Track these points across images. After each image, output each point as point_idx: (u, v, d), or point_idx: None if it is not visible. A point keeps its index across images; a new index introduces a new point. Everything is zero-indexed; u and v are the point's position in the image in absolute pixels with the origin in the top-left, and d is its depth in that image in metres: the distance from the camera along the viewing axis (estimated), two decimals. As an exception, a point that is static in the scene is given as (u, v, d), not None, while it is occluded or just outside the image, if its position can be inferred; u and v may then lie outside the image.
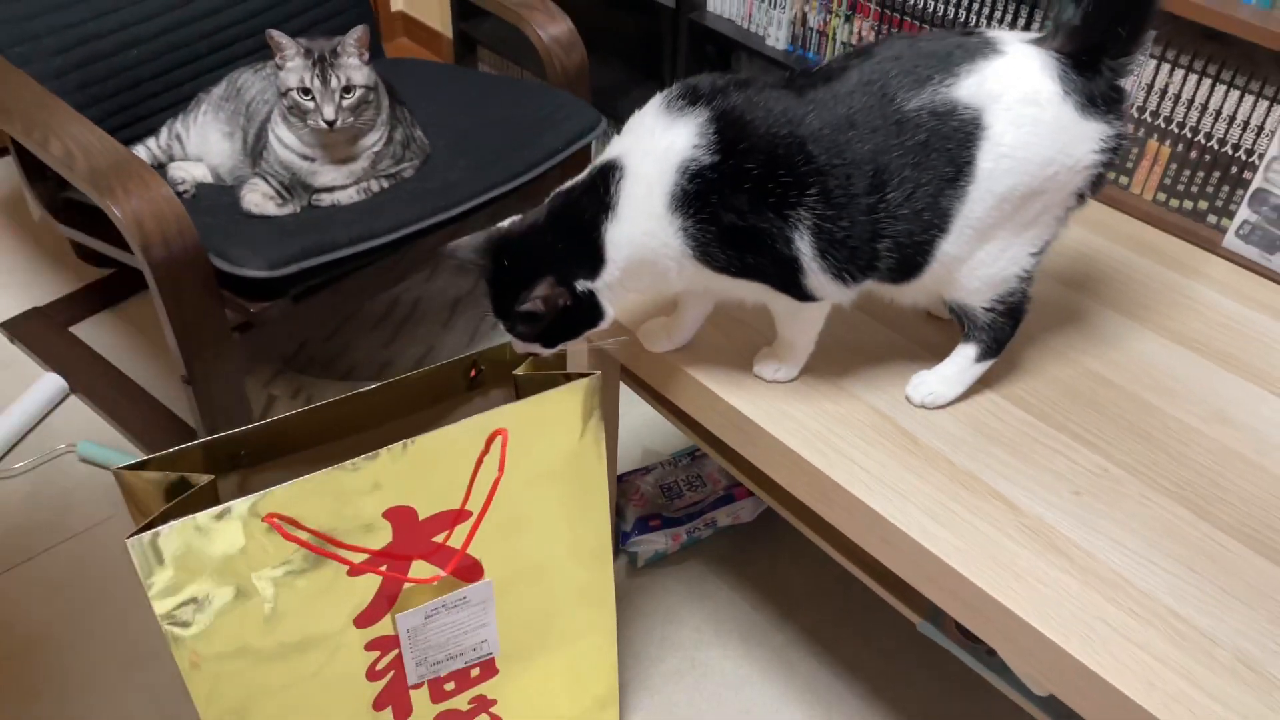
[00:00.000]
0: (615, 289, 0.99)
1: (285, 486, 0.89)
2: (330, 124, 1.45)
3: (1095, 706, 0.85)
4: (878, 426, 1.05)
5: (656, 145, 0.93)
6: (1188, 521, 0.97)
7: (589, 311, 0.98)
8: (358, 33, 1.45)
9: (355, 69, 1.47)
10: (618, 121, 2.14)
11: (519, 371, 1.03)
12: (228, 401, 1.45)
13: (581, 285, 0.97)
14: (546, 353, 1.02)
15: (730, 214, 0.93)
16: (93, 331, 1.93)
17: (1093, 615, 0.88)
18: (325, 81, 1.44)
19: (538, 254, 0.97)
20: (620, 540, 1.53)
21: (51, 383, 1.78)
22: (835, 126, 0.91)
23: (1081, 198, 0.99)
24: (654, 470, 1.58)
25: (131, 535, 0.85)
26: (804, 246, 0.94)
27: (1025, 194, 0.94)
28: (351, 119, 1.47)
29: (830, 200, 0.92)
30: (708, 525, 1.54)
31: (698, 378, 1.11)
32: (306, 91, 1.45)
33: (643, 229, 0.95)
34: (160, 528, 0.85)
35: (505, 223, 0.99)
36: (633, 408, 1.40)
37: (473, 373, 1.07)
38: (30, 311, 1.95)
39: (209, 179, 1.64)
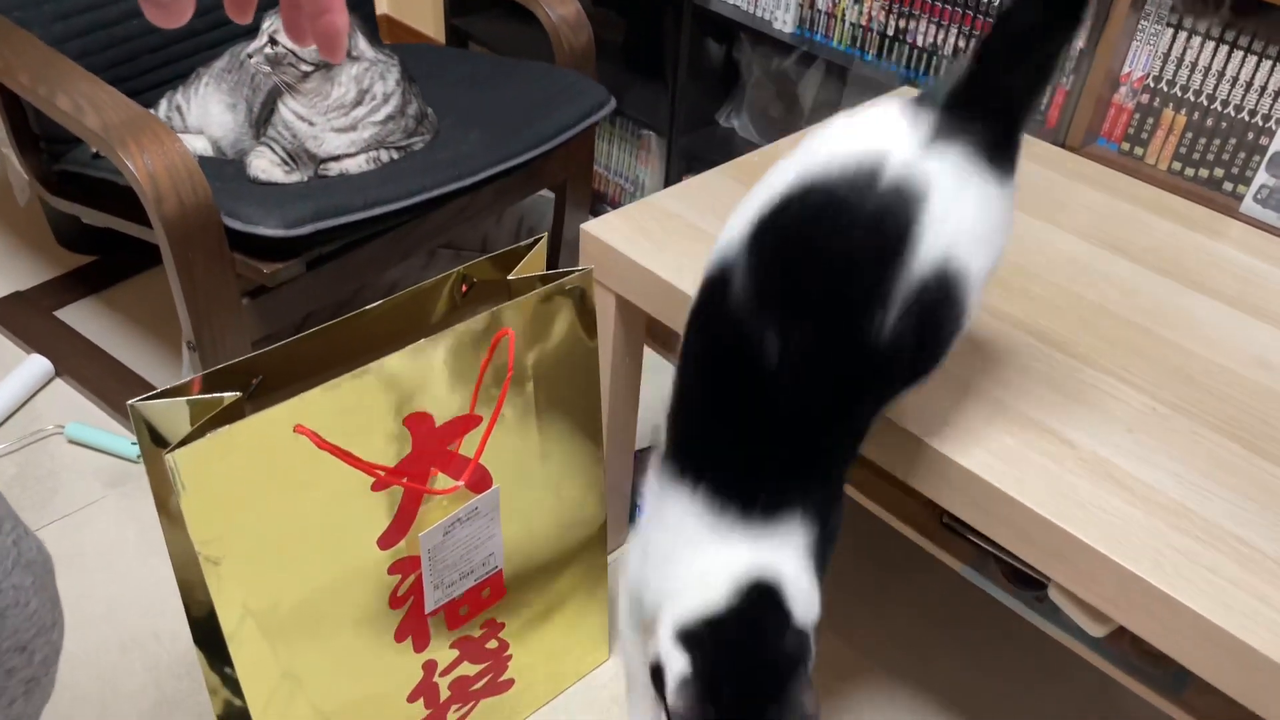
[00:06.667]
0: None
1: (313, 393, 0.86)
2: (249, 55, 1.47)
3: (1168, 631, 0.84)
4: (923, 370, 1.04)
5: None
6: (1240, 455, 0.96)
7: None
8: None
9: None
10: (621, 112, 2.11)
11: (513, 276, 1.04)
12: (233, 371, 1.41)
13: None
14: None
15: None
16: (77, 316, 1.86)
17: (1160, 541, 0.87)
18: (260, 23, 1.46)
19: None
20: (635, 515, 1.50)
21: (36, 364, 1.71)
22: None
23: None
24: (668, 447, 1.56)
25: (168, 450, 0.81)
26: None
27: None
28: (268, 68, 1.46)
29: None
30: (723, 502, 1.52)
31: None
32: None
33: None
34: (194, 442, 0.82)
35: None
36: (646, 386, 1.38)
37: (464, 289, 1.06)
38: (12, 295, 1.88)
39: (209, 152, 1.60)
